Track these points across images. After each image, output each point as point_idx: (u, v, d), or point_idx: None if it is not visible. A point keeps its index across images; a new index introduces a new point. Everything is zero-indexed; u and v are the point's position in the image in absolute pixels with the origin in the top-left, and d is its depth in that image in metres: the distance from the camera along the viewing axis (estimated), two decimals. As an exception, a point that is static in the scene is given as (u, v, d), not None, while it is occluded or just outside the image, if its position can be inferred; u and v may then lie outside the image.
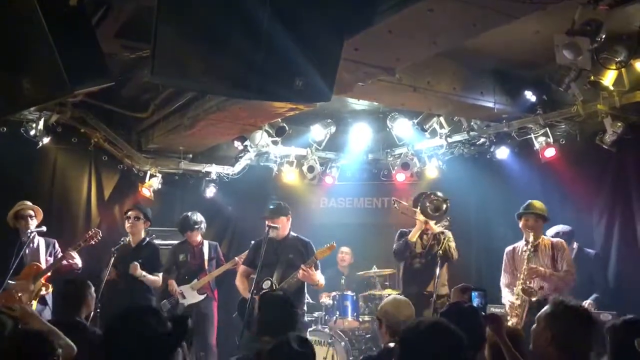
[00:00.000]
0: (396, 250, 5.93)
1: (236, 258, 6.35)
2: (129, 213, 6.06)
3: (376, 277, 7.19)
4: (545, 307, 2.81)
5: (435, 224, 5.77)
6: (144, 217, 6.03)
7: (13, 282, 5.25)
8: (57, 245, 5.83)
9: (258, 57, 3.02)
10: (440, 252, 5.44)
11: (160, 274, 6.06)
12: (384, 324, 3.53)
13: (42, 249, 5.70)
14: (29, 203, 5.72)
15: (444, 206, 5.72)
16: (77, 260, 5.56)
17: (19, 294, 5.22)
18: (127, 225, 6.03)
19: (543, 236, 5.38)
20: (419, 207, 5.78)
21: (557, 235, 5.58)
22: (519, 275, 5.17)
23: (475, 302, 3.24)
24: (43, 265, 5.57)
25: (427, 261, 5.75)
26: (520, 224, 5.35)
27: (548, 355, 2.66)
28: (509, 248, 5.52)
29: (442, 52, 4.44)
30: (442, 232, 5.71)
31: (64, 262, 5.52)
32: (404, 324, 3.45)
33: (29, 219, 5.60)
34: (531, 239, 5.22)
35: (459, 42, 4.28)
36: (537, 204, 5.34)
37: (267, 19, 2.94)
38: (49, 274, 5.54)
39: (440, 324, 2.34)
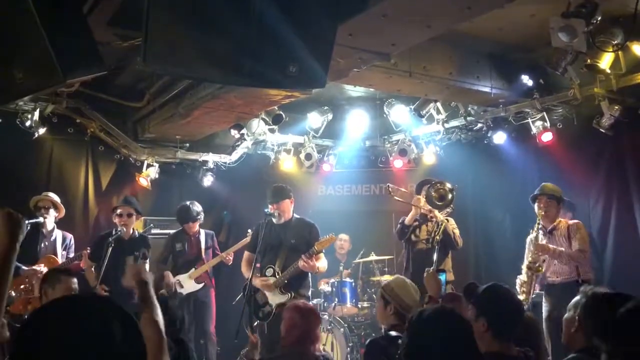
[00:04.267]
0: (396, 233, 6.08)
1: (224, 254, 6.36)
2: (119, 211, 5.85)
3: (375, 264, 7.22)
4: (577, 297, 2.81)
5: (440, 212, 5.76)
6: (135, 211, 5.89)
7: (25, 268, 5.33)
8: (72, 239, 5.92)
9: (251, 42, 2.99)
10: (438, 237, 5.44)
11: (147, 260, 5.95)
12: (392, 305, 3.49)
13: (59, 242, 5.80)
14: (50, 195, 5.82)
15: (450, 196, 5.71)
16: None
17: (33, 283, 5.30)
18: (119, 222, 5.79)
19: (562, 219, 5.35)
20: (423, 194, 5.79)
21: None
22: (528, 253, 5.24)
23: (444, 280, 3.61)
24: (59, 259, 5.66)
25: (432, 248, 5.77)
26: (535, 207, 5.34)
27: (575, 342, 2.69)
28: (530, 236, 5.42)
29: (437, 36, 4.41)
30: (447, 220, 5.72)
31: (76, 260, 5.60)
32: (411, 310, 3.44)
33: (48, 210, 5.68)
34: (540, 220, 5.25)
35: (454, 25, 4.24)
36: (550, 185, 5.34)
37: (259, 3, 2.91)
38: None
39: (444, 310, 2.33)
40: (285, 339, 3.64)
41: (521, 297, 5.06)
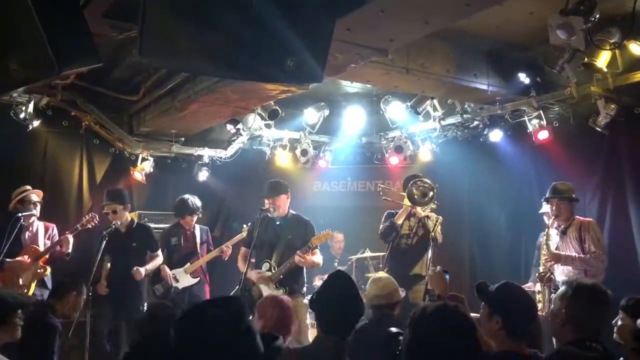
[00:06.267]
0: (382, 232, 5.94)
1: (223, 247, 6.34)
2: (104, 211, 5.85)
3: (369, 260, 7.20)
4: (561, 289, 2.76)
5: (422, 209, 5.76)
6: (121, 204, 5.80)
7: (9, 261, 5.29)
8: (55, 229, 5.87)
9: (248, 35, 2.96)
10: (433, 234, 5.42)
11: (159, 251, 5.99)
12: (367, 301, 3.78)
13: (41, 233, 5.77)
14: (33, 190, 5.78)
15: (431, 193, 5.66)
16: (70, 247, 5.60)
17: (18, 275, 5.37)
18: (111, 219, 5.76)
19: (577, 217, 5.10)
20: (406, 192, 5.77)
21: None
22: (541, 258, 5.09)
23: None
24: (41, 249, 5.63)
25: (413, 244, 5.79)
26: (547, 209, 5.23)
27: (564, 335, 2.63)
28: (540, 239, 5.30)
29: (435, 33, 4.41)
30: (428, 216, 5.71)
31: (58, 247, 5.58)
32: (383, 298, 3.79)
33: (32, 205, 5.64)
34: (554, 223, 5.07)
35: (452, 22, 4.22)
36: (560, 186, 5.12)
37: (256, -4, 2.89)
38: (47, 256, 5.62)
39: (447, 307, 2.31)
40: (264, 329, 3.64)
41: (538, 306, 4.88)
